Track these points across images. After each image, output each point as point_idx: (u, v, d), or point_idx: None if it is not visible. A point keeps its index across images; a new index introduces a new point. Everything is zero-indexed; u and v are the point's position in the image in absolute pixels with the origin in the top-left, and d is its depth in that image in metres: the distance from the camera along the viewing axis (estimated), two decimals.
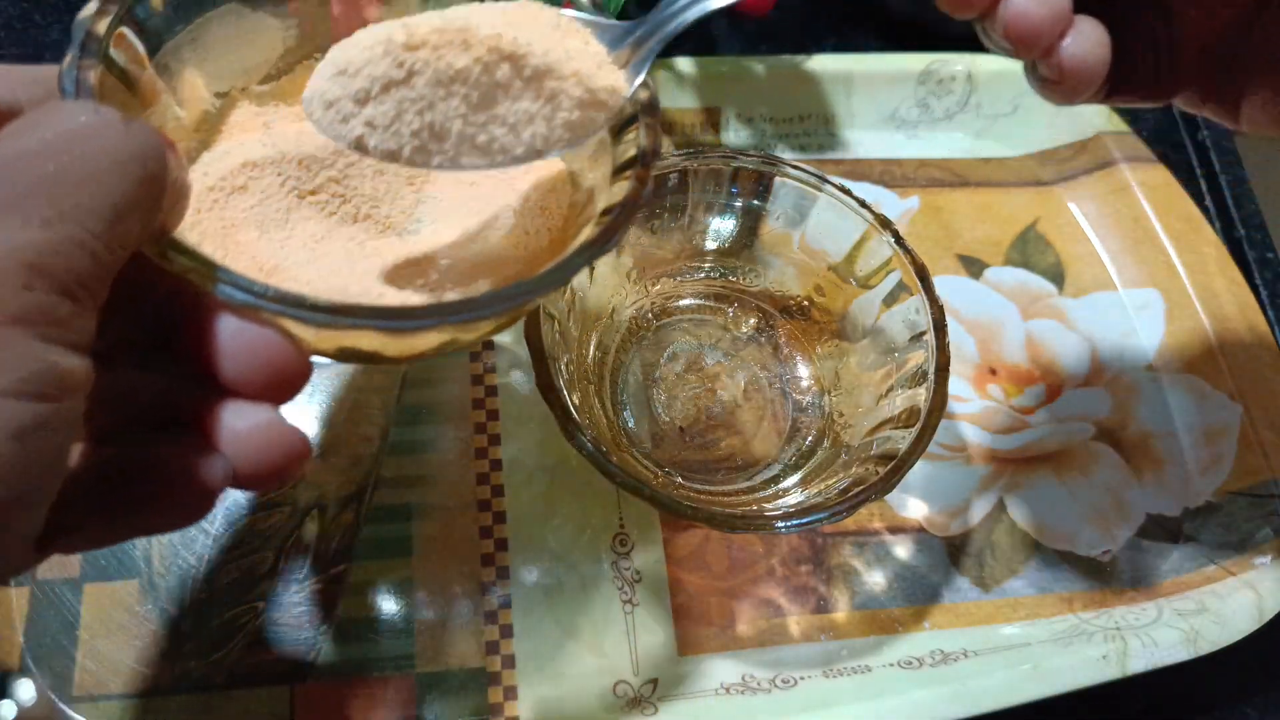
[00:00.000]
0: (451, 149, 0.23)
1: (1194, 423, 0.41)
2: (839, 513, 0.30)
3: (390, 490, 0.36)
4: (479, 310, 0.21)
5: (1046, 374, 0.42)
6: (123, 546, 0.33)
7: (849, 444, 0.35)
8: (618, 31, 0.25)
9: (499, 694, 0.33)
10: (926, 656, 0.34)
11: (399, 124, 0.22)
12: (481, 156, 0.23)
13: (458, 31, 0.22)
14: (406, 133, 0.23)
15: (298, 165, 0.27)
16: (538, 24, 0.24)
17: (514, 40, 0.22)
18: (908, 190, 0.46)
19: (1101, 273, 0.45)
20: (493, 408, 0.38)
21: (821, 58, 0.45)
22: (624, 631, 0.34)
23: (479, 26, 0.22)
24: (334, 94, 0.23)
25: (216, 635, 0.32)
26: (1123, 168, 0.45)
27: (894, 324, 0.35)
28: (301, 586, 0.34)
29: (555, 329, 0.33)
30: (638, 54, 0.25)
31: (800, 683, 0.33)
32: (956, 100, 0.47)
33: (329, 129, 0.23)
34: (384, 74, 0.22)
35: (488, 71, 0.22)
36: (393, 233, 0.28)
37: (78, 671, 0.31)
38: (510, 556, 0.35)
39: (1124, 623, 0.35)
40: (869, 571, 0.36)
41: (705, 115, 0.45)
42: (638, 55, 0.25)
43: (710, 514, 0.30)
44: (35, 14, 0.46)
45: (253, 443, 0.20)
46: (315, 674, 0.32)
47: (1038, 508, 0.39)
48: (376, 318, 0.20)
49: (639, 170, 0.25)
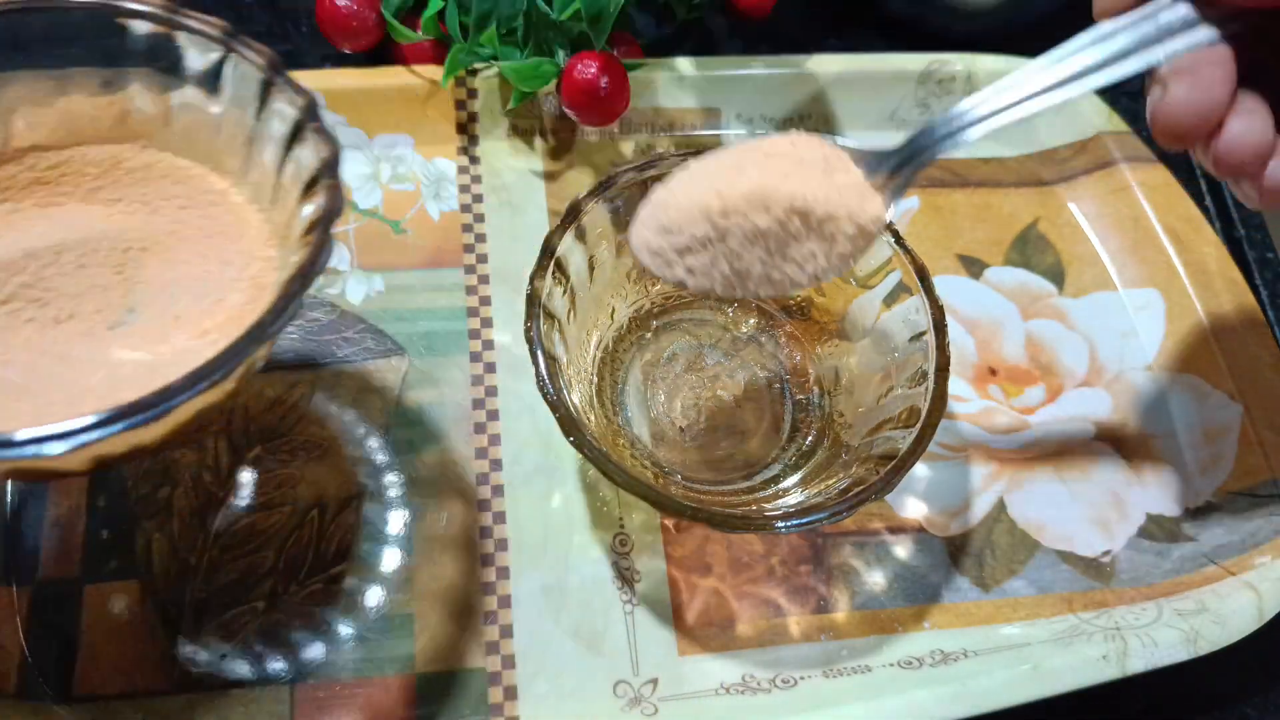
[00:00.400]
0: (753, 285, 0.28)
1: (1194, 423, 0.41)
2: (839, 513, 0.30)
3: (390, 490, 0.36)
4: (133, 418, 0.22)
5: (1046, 374, 0.42)
6: (123, 546, 0.33)
7: (849, 444, 0.35)
8: (874, 159, 0.28)
9: (499, 694, 0.33)
10: (926, 656, 0.34)
11: (713, 270, 0.28)
12: (774, 289, 0.28)
13: (760, 198, 0.27)
14: (718, 276, 0.28)
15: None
16: (814, 158, 0.28)
17: (804, 198, 0.26)
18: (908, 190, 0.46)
19: (1101, 273, 0.45)
20: (493, 408, 0.38)
21: (821, 58, 0.45)
22: (624, 631, 0.34)
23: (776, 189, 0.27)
24: (659, 245, 0.28)
25: (216, 635, 0.32)
26: (1123, 168, 0.45)
27: (894, 324, 0.35)
28: (301, 586, 0.34)
29: (555, 328, 0.33)
30: (893, 181, 0.28)
31: (800, 683, 0.33)
32: (956, 100, 0.47)
33: (655, 269, 0.29)
34: (703, 234, 0.27)
35: (783, 227, 0.27)
36: (104, 327, 0.28)
37: (78, 671, 0.31)
38: (510, 556, 0.35)
39: (1124, 623, 0.35)
40: (869, 571, 0.36)
41: (705, 115, 0.45)
42: (893, 183, 0.28)
43: (710, 514, 0.30)
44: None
45: None
46: (315, 674, 0.32)
47: (1038, 508, 0.39)
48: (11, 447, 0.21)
49: (319, 236, 0.25)
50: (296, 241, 0.27)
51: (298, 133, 0.28)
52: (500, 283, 0.40)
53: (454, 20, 0.41)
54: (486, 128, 0.43)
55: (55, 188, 0.30)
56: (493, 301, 0.40)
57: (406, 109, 0.42)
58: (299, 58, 0.46)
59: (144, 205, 0.30)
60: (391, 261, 0.40)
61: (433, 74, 0.42)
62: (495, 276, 0.41)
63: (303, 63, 0.46)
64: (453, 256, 0.41)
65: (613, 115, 0.41)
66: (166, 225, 0.30)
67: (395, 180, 0.42)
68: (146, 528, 0.34)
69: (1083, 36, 0.25)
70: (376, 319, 0.39)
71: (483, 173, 0.43)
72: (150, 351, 0.27)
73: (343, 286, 0.40)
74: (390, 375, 0.38)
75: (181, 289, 0.29)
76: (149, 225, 0.30)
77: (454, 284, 0.40)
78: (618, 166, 0.35)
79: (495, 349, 0.39)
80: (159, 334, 0.28)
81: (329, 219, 0.25)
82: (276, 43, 0.47)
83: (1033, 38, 0.48)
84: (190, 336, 0.28)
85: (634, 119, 0.44)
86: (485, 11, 0.40)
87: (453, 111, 0.43)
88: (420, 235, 0.41)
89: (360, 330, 0.39)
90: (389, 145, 0.43)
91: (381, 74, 0.42)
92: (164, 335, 0.28)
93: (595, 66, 0.39)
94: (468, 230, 0.41)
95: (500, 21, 0.41)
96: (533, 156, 0.44)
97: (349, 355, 0.38)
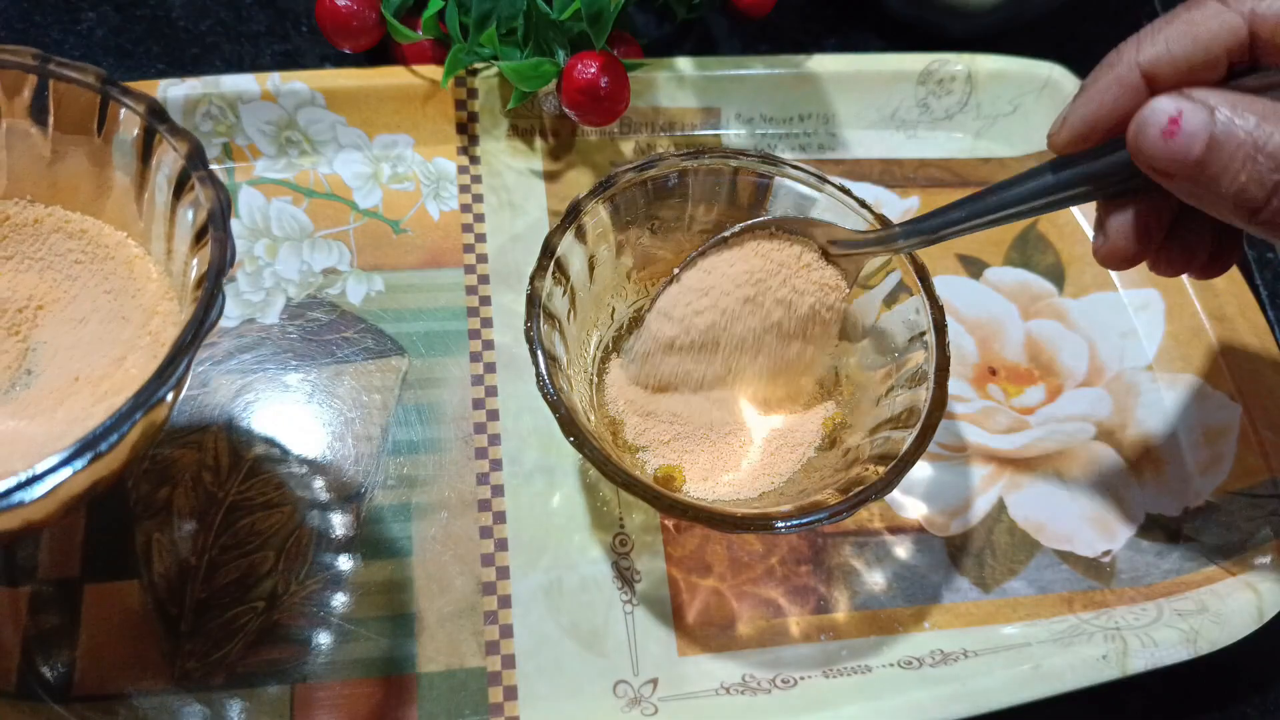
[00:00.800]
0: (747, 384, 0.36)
1: (1194, 423, 0.41)
2: (839, 513, 0.30)
3: (390, 490, 0.36)
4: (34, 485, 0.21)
5: (1046, 374, 0.42)
6: (123, 546, 0.33)
7: (849, 444, 0.35)
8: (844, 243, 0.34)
9: (499, 694, 0.33)
10: (926, 656, 0.34)
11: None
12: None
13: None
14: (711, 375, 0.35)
15: None
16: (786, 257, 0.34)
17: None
18: (908, 190, 0.46)
19: (1101, 273, 0.45)
20: (493, 408, 0.38)
21: (821, 58, 0.45)
22: (624, 631, 0.34)
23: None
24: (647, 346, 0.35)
25: (216, 635, 0.32)
26: None
27: (894, 324, 0.35)
28: (301, 586, 0.34)
29: (555, 328, 0.33)
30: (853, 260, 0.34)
31: (800, 683, 0.33)
32: (956, 100, 0.47)
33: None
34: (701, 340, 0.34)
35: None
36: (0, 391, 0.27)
37: (78, 671, 0.31)
38: (510, 556, 0.35)
39: (1124, 623, 0.35)
40: (869, 571, 0.36)
41: (705, 115, 0.45)
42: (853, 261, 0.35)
43: (710, 514, 0.30)
44: (35, 14, 0.46)
45: None
46: (315, 674, 0.32)
47: (1038, 508, 0.39)
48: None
49: (207, 292, 0.24)
50: (189, 295, 0.26)
51: (184, 182, 0.27)
52: (500, 283, 0.40)
53: (454, 20, 0.41)
54: (486, 128, 0.43)
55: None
56: (493, 301, 0.40)
57: (406, 109, 0.42)
58: (299, 58, 0.46)
59: (36, 261, 0.29)
60: (391, 261, 0.40)
61: (433, 74, 0.42)
62: (495, 276, 0.41)
63: (303, 63, 0.46)
64: (453, 256, 0.41)
65: (613, 115, 0.41)
66: (62, 281, 0.29)
67: (395, 180, 0.42)
68: (146, 528, 0.34)
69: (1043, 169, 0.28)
70: (376, 319, 0.39)
71: (483, 173, 0.43)
72: (47, 418, 0.26)
73: (343, 286, 0.40)
74: (390, 375, 0.38)
75: (81, 348, 0.28)
76: (43, 282, 0.29)
77: (454, 284, 0.40)
78: (618, 166, 0.35)
79: (495, 349, 0.39)
80: (58, 397, 0.27)
81: (217, 272, 0.24)
82: (276, 42, 0.47)
83: (1032, 38, 0.48)
84: (90, 399, 0.27)
85: (634, 119, 0.44)
86: (485, 11, 0.40)
87: (453, 111, 0.43)
88: (420, 235, 0.41)
89: (360, 330, 0.39)
90: (389, 145, 0.43)
91: (381, 74, 0.42)
92: (62, 398, 0.27)
93: (595, 66, 0.39)
94: (468, 230, 0.41)
95: (500, 21, 0.41)
96: (533, 156, 0.44)
97: (349, 355, 0.38)
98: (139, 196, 0.29)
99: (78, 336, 0.28)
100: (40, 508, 0.23)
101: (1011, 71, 0.46)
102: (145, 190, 0.28)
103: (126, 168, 0.29)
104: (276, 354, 0.38)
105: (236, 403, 0.36)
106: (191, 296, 0.25)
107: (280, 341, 0.38)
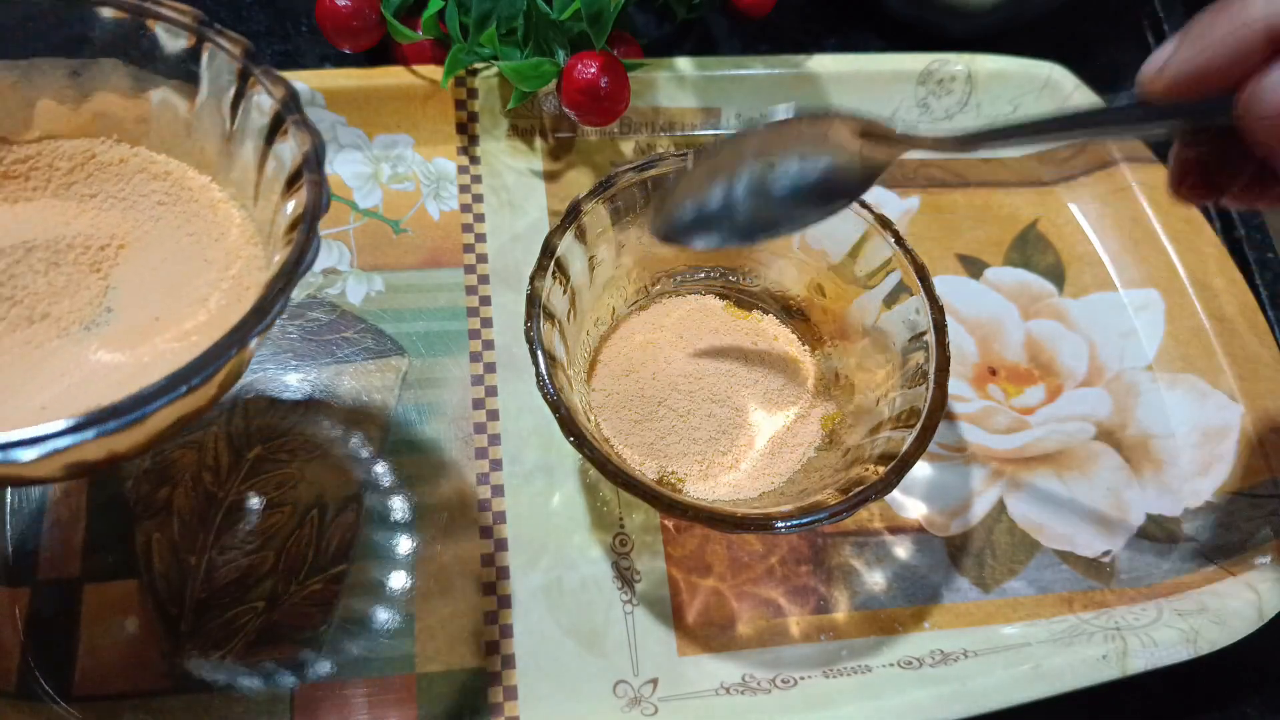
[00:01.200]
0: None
1: (1194, 423, 0.41)
2: (839, 513, 0.30)
3: (390, 490, 0.36)
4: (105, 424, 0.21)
5: (1046, 374, 0.42)
6: (123, 546, 0.33)
7: (849, 444, 0.35)
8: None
9: (499, 694, 0.33)
10: (926, 656, 0.34)
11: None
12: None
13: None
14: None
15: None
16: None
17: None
18: (908, 190, 0.46)
19: (1101, 273, 0.45)
20: (493, 408, 0.38)
21: (821, 58, 0.45)
22: (624, 631, 0.34)
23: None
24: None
25: (216, 635, 0.32)
26: (1123, 168, 0.45)
27: (894, 324, 0.35)
28: (301, 586, 0.34)
29: (555, 329, 0.33)
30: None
31: (800, 683, 0.33)
32: (956, 100, 0.47)
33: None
34: None
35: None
36: (79, 327, 0.27)
37: (77, 671, 0.31)
38: (510, 556, 0.35)
39: (1124, 623, 0.35)
40: (869, 571, 0.36)
41: (705, 115, 0.45)
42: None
43: (710, 514, 0.30)
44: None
45: None
46: (315, 674, 0.32)
47: (1038, 508, 0.39)
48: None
49: (301, 235, 0.24)
50: (280, 239, 0.26)
51: (277, 126, 0.27)
52: (500, 283, 0.40)
53: (454, 20, 0.41)
54: (486, 128, 0.43)
55: (24, 183, 0.29)
56: (493, 301, 0.40)
57: (406, 109, 0.42)
58: (299, 58, 0.46)
59: (120, 201, 0.29)
60: (391, 261, 0.40)
61: (433, 74, 0.42)
62: (495, 276, 0.41)
63: (303, 63, 0.46)
64: (453, 256, 0.41)
65: (613, 115, 0.41)
66: (144, 222, 0.29)
67: (395, 180, 0.42)
68: (146, 528, 0.34)
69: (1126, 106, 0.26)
70: (376, 319, 0.39)
71: (483, 173, 0.43)
72: (129, 354, 0.26)
73: (343, 286, 0.40)
74: (390, 375, 0.38)
75: (161, 289, 0.28)
76: (125, 222, 0.29)
77: (454, 284, 0.40)
78: (618, 166, 0.35)
79: (495, 349, 0.39)
80: (138, 336, 0.27)
81: (313, 215, 0.25)
82: (276, 42, 0.47)
83: (1032, 38, 0.48)
84: (171, 339, 0.27)
85: (634, 119, 0.44)
86: (485, 11, 0.40)
87: (453, 111, 0.43)
88: (420, 235, 0.41)
89: (360, 330, 0.39)
90: (389, 145, 0.43)
91: (381, 74, 0.42)
92: (143, 337, 0.27)
93: (595, 66, 0.39)
94: (468, 230, 0.41)
95: (500, 21, 0.41)
96: (533, 156, 0.44)
97: (349, 355, 0.38)
98: (227, 140, 0.29)
99: (158, 277, 0.28)
100: (127, 438, 0.23)
101: (1011, 71, 0.46)
102: (234, 134, 0.28)
103: (216, 112, 0.28)
104: (276, 354, 0.38)
105: (236, 403, 0.36)
106: (284, 240, 0.25)
107: (280, 341, 0.38)
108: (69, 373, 0.26)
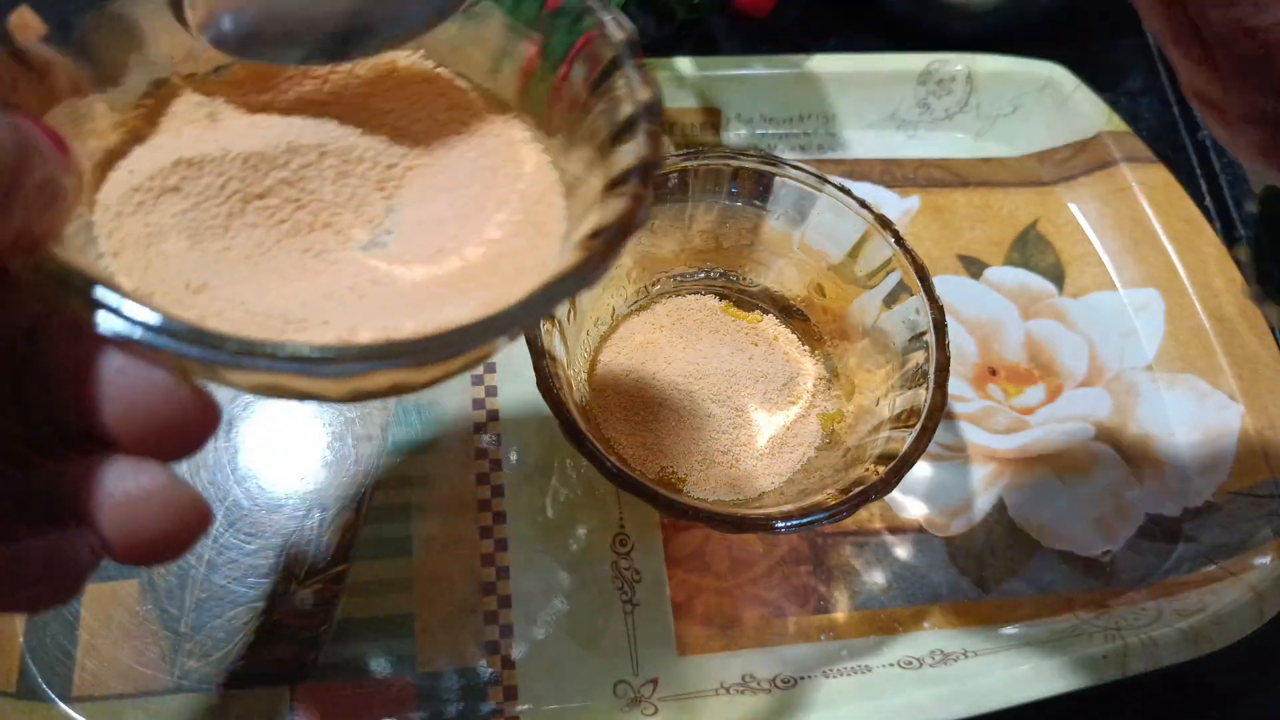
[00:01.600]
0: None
1: (1194, 423, 0.41)
2: (839, 513, 0.30)
3: (390, 490, 0.36)
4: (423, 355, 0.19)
5: (1046, 374, 0.42)
6: None
7: (849, 444, 0.35)
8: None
9: (499, 694, 0.33)
10: (926, 656, 0.34)
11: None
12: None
13: None
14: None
15: (243, 164, 0.23)
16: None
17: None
18: (908, 190, 0.46)
19: (1101, 273, 0.45)
20: (493, 408, 0.38)
21: (821, 58, 0.45)
22: (624, 631, 0.34)
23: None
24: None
25: (216, 635, 0.32)
26: (1123, 168, 0.45)
27: (894, 324, 0.35)
28: (301, 586, 0.34)
29: (555, 328, 0.33)
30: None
31: (800, 683, 0.33)
32: (956, 100, 0.47)
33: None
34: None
35: None
36: (355, 245, 0.25)
37: (77, 671, 0.31)
38: (510, 556, 0.35)
39: (1124, 623, 0.35)
40: (869, 571, 0.36)
41: (705, 115, 0.45)
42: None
43: (710, 514, 0.30)
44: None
45: (135, 512, 0.17)
46: (315, 674, 0.32)
47: (1038, 508, 0.39)
48: (294, 361, 0.18)
49: (636, 187, 0.22)
50: (596, 193, 0.23)
51: (610, 71, 0.24)
52: None
53: None
54: None
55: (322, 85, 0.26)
56: None
57: None
58: None
59: (414, 121, 0.26)
60: None
61: None
62: None
63: None
64: None
65: None
66: (437, 148, 0.26)
67: None
68: None
69: None
70: None
71: None
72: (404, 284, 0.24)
73: None
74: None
75: (446, 222, 0.25)
76: (418, 143, 0.26)
77: None
78: None
79: None
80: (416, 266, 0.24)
81: (648, 167, 0.22)
82: None
83: (1032, 38, 0.48)
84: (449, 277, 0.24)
85: None
86: None
87: None
88: None
89: None
90: None
91: None
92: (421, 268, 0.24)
93: None
94: None
95: None
96: None
97: None
98: (544, 78, 0.26)
99: (444, 209, 0.25)
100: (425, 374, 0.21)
101: (1011, 71, 0.46)
102: (556, 73, 0.26)
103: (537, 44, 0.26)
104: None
105: (236, 403, 0.36)
106: (611, 193, 0.22)
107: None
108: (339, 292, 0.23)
